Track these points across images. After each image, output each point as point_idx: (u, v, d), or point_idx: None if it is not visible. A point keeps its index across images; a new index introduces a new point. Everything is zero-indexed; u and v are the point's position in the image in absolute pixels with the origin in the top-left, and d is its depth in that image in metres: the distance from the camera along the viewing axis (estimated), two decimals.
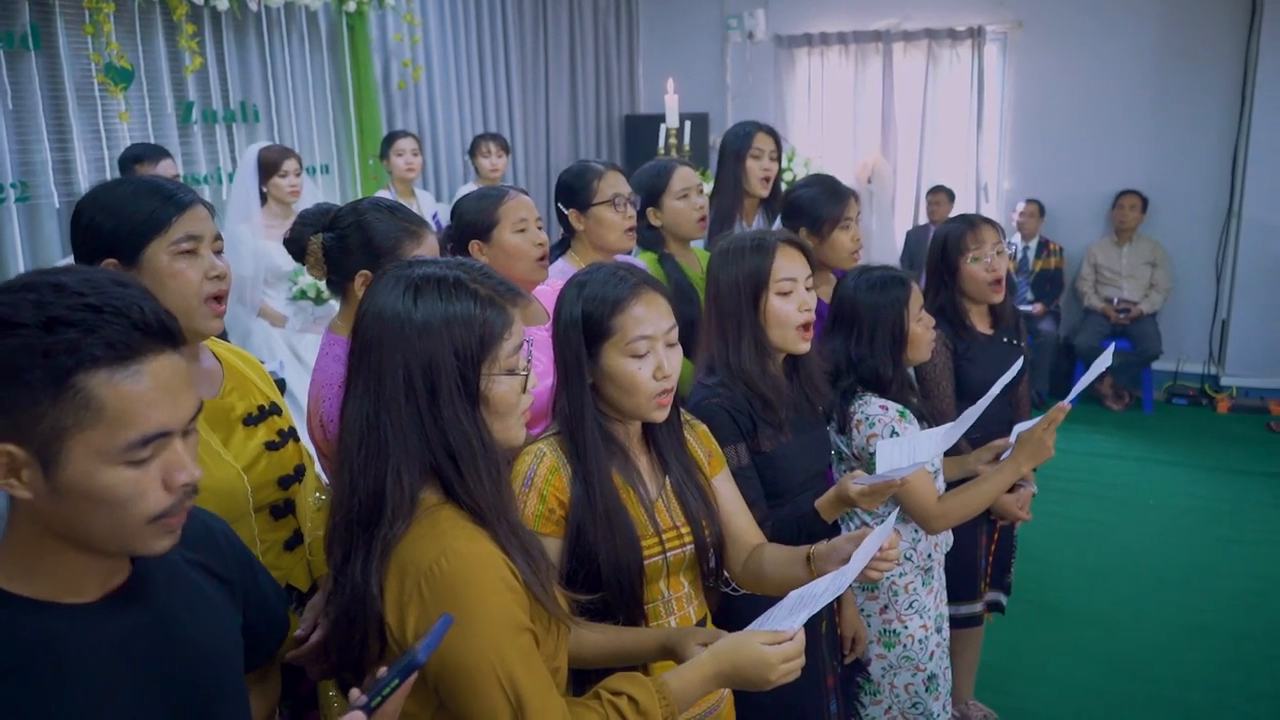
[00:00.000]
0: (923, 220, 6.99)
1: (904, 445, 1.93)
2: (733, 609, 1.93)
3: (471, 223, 2.33)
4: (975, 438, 2.76)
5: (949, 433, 1.92)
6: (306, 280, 4.37)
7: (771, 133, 3.33)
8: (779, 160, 3.31)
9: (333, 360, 1.91)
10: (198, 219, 1.62)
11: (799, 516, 1.94)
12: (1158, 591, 4.10)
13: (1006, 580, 3.02)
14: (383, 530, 1.25)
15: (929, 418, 2.52)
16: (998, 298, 2.78)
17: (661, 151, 4.30)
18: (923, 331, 2.37)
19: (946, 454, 2.59)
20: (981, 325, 2.86)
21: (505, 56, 6.58)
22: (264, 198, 4.28)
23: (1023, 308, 6.65)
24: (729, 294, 2.05)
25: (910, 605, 2.41)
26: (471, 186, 5.51)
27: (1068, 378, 6.60)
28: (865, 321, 2.32)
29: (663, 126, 4.24)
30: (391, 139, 4.99)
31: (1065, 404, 2.22)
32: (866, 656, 2.43)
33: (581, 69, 7.28)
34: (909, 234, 7.01)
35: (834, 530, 1.99)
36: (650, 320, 1.65)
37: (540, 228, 2.36)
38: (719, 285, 2.07)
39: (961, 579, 2.82)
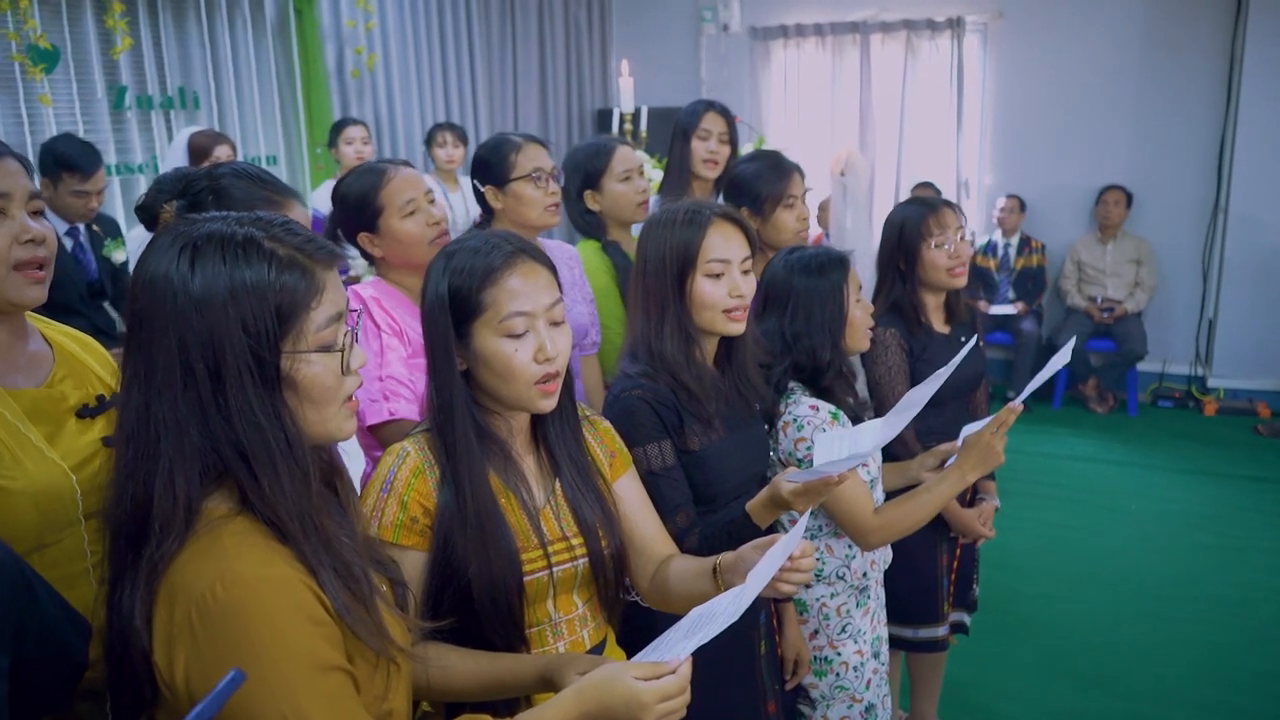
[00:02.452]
0: None
1: (845, 437, 1.70)
2: (640, 626, 1.70)
3: (355, 212, 2.09)
4: (931, 445, 2.54)
5: (889, 421, 1.69)
6: None
7: (724, 113, 3.11)
8: (731, 143, 3.09)
9: None
10: (4, 174, 1.40)
11: (729, 522, 1.72)
12: (1135, 600, 3.89)
13: (970, 597, 2.79)
14: (149, 548, 1.03)
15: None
16: (960, 282, 2.56)
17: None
18: (862, 316, 2.14)
19: (886, 460, 2.36)
20: (937, 322, 2.64)
21: (469, 47, 6.36)
22: None
23: (1004, 307, 6.45)
24: (655, 269, 1.83)
25: (843, 630, 2.18)
26: (429, 179, 5.29)
27: (1050, 380, 6.37)
28: (801, 303, 2.10)
29: (616, 111, 4.01)
30: (340, 127, 4.77)
31: (1016, 404, 2.00)
32: (810, 680, 2.21)
33: (552, 61, 7.06)
34: None
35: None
36: (528, 294, 1.43)
37: (433, 203, 2.14)
38: (646, 258, 1.85)
39: (921, 601, 2.60)
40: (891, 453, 2.49)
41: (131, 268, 3.74)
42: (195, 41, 4.72)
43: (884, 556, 2.27)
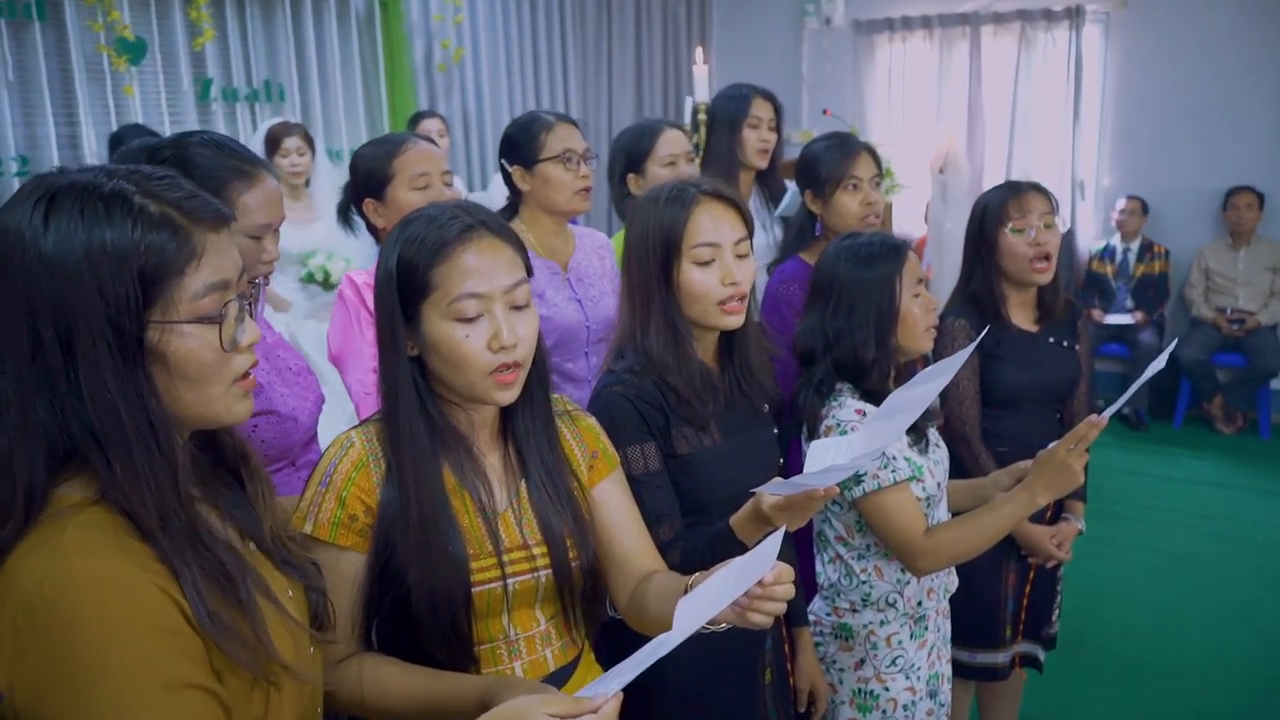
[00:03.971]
0: None
1: (840, 446, 1.47)
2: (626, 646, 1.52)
3: (364, 178, 2.02)
4: (1003, 451, 2.29)
5: (873, 431, 1.41)
6: (316, 263, 4.14)
7: (770, 98, 2.95)
8: (779, 130, 2.92)
9: None
10: None
11: (711, 536, 1.53)
12: (1251, 641, 3.49)
13: (1047, 632, 2.50)
14: None
15: (936, 429, 2.05)
16: (1041, 277, 2.30)
17: (687, 130, 3.91)
18: (921, 313, 1.91)
19: (955, 475, 2.10)
20: (1023, 319, 2.38)
21: (562, 42, 6.28)
22: None
23: (1121, 317, 6.00)
24: (639, 257, 1.66)
25: (894, 662, 1.95)
26: None
27: (1172, 396, 5.91)
28: (845, 296, 1.89)
29: (689, 100, 3.84)
30: (417, 119, 4.74)
31: (1098, 419, 1.73)
32: (853, 715, 1.98)
33: (648, 57, 6.92)
34: None
35: None
36: (483, 274, 1.28)
37: (448, 184, 2.03)
38: (631, 243, 1.68)
39: (978, 622, 2.34)
40: (961, 467, 2.25)
41: None
42: (281, 34, 4.76)
43: (944, 584, 2.03)
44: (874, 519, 1.84)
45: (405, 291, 1.29)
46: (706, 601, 1.06)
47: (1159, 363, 1.81)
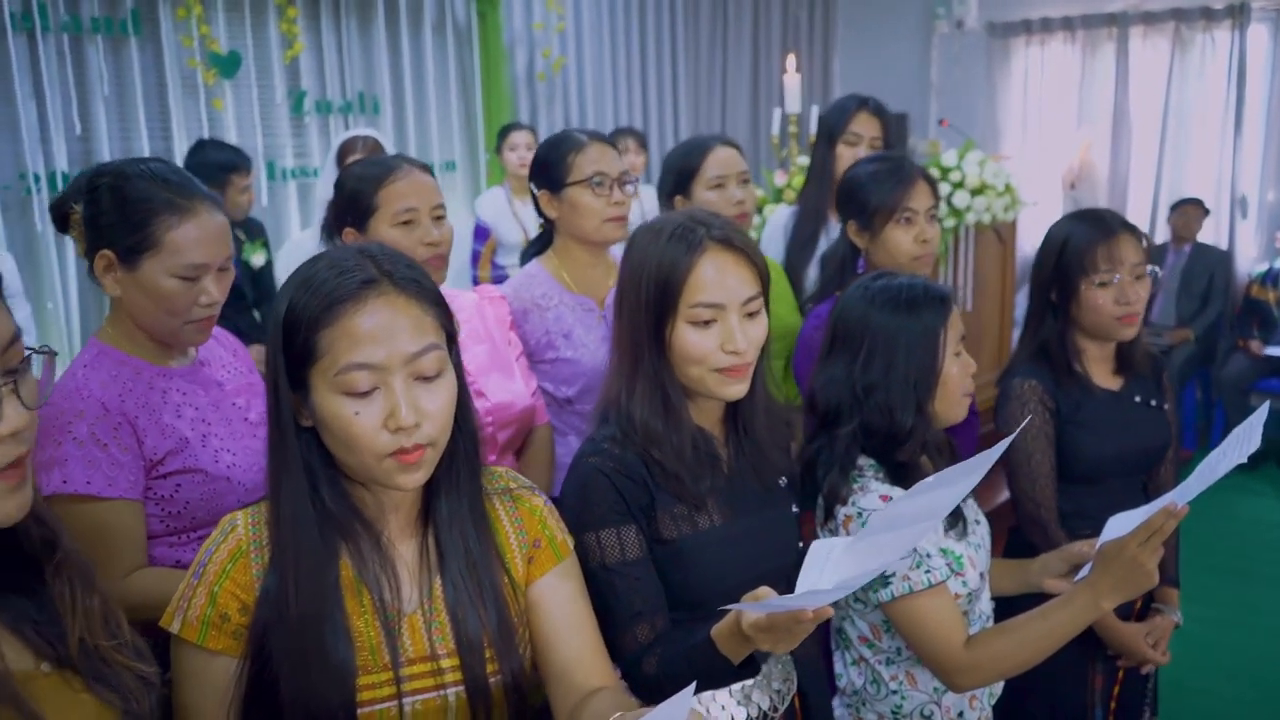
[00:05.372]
0: (1161, 240, 5.81)
1: (846, 551, 1.18)
2: None
3: (347, 203, 1.84)
4: (1085, 536, 1.93)
5: (878, 540, 1.12)
6: None
7: (879, 113, 2.63)
8: (888, 149, 2.60)
9: (70, 379, 1.45)
10: None
11: (691, 647, 1.28)
12: None
13: None
14: None
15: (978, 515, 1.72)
16: (1127, 332, 1.94)
17: (775, 141, 3.63)
18: (959, 375, 1.60)
19: (1004, 554, 1.77)
20: (1102, 376, 2.02)
21: (672, 48, 6.08)
22: None
23: None
24: (629, 302, 1.41)
25: None
26: None
27: None
28: (880, 346, 1.59)
29: (777, 111, 3.55)
30: (506, 132, 4.61)
31: (1178, 507, 1.40)
32: None
33: (766, 64, 6.64)
34: None
35: (747, 670, 1.30)
36: (379, 340, 1.06)
37: (439, 218, 1.83)
38: (623, 285, 1.43)
39: None
40: (1034, 554, 1.91)
41: (279, 271, 3.74)
42: (377, 46, 4.72)
43: (988, 689, 1.71)
44: (904, 627, 1.54)
45: (292, 352, 1.09)
46: None
47: (1247, 436, 1.44)
